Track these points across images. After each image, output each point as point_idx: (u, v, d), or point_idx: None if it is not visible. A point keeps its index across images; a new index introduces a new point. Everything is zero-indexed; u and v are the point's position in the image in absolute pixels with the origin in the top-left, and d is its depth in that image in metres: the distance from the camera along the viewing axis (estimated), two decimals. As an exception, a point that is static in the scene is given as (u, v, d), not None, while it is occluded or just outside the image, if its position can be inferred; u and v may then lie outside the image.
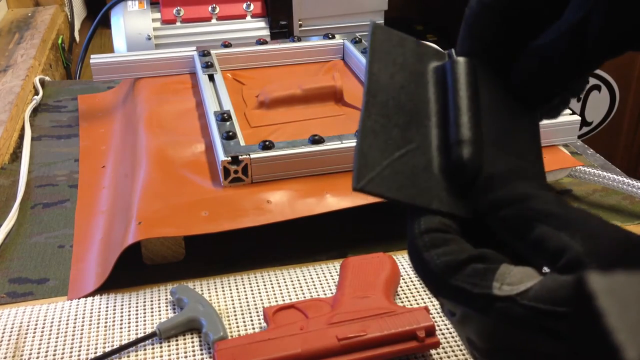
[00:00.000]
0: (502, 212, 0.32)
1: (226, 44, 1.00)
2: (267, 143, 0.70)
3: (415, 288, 0.63)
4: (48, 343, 0.57)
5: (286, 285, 0.64)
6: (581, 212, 0.30)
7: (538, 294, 0.28)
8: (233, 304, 0.61)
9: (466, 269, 0.30)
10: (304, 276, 0.65)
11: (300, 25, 1.34)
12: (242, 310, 0.61)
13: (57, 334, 0.58)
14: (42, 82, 1.12)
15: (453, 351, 0.56)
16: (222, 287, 0.63)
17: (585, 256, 0.27)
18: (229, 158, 0.68)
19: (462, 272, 0.30)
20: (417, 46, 0.37)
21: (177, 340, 0.57)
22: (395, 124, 0.34)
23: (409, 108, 0.35)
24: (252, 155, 0.69)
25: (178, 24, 1.31)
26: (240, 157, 0.68)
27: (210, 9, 1.32)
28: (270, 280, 0.64)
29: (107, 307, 0.61)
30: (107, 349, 0.56)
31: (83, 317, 0.60)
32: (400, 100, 0.35)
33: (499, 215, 0.32)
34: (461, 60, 0.35)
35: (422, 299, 0.62)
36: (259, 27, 1.33)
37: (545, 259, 0.30)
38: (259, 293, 0.63)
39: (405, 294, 0.62)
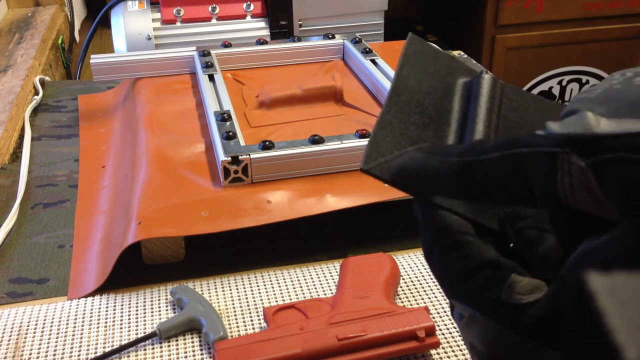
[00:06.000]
0: (519, 224, 0.33)
1: (226, 44, 1.00)
2: (267, 143, 0.70)
3: (415, 288, 0.63)
4: (48, 343, 0.57)
5: (286, 285, 0.64)
6: None
7: (542, 306, 0.28)
8: (233, 304, 0.61)
9: (478, 275, 0.31)
10: (304, 276, 0.65)
11: (300, 25, 1.34)
12: (242, 310, 0.61)
13: (57, 334, 0.58)
14: (42, 82, 1.12)
15: (453, 351, 0.56)
16: (222, 287, 0.63)
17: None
18: (229, 158, 0.68)
19: (473, 277, 0.31)
20: (450, 61, 0.38)
21: (177, 340, 0.57)
22: (414, 123, 0.35)
23: (429, 112, 0.36)
24: (252, 155, 0.69)
25: (178, 24, 1.31)
26: (240, 157, 0.68)
27: (210, 9, 1.32)
28: (270, 280, 0.64)
29: (107, 307, 0.61)
30: (107, 349, 0.56)
31: (83, 317, 0.60)
32: (423, 103, 0.36)
33: (515, 227, 0.33)
34: (487, 76, 0.37)
35: (422, 299, 0.62)
36: (259, 27, 1.33)
37: (551, 269, 0.30)
38: (259, 293, 0.63)
39: (405, 294, 0.62)
